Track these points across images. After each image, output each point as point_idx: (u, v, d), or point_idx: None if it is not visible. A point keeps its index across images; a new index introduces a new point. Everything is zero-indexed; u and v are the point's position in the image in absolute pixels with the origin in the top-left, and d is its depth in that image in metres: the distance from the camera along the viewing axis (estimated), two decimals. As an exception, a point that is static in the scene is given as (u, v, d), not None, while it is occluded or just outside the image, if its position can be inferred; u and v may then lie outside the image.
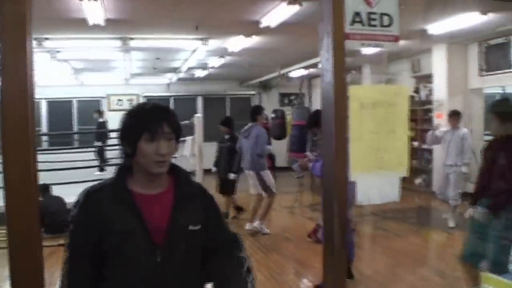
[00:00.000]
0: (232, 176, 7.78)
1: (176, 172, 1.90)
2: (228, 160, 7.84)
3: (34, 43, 5.75)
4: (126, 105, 14.63)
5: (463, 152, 7.22)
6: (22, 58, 1.37)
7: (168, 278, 1.78)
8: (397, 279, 5.26)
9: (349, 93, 1.65)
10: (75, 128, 14.81)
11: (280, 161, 13.35)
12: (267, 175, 7.21)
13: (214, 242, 1.93)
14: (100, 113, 13.39)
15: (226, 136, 8.09)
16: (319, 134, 4.94)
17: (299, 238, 6.90)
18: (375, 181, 1.72)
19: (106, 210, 1.75)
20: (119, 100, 15.07)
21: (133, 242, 1.75)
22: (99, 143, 12.17)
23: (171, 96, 15.41)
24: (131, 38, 7.92)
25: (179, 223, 1.81)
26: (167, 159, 1.79)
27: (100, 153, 11.92)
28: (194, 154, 9.36)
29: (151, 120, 1.78)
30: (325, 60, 1.58)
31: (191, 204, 1.86)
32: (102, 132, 12.59)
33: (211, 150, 8.82)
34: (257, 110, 7.58)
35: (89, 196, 1.81)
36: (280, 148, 12.87)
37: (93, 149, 12.11)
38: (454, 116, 7.39)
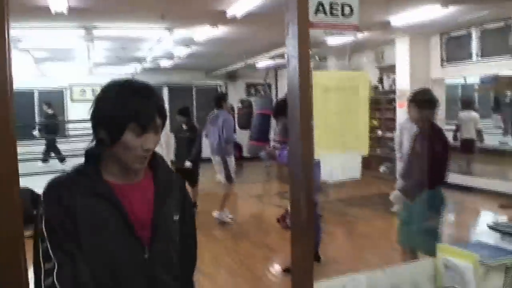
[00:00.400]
0: (187, 164, 7.57)
1: (152, 157, 1.65)
2: (188, 151, 7.67)
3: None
4: (90, 96, 14.45)
5: None
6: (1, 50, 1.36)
7: (157, 275, 1.58)
8: (362, 261, 5.45)
9: (313, 78, 1.75)
10: (37, 120, 14.52)
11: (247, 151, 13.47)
12: (231, 162, 7.33)
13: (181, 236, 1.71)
14: (50, 105, 13.21)
15: (184, 126, 7.84)
16: (284, 122, 5.06)
17: (267, 225, 7.03)
18: (338, 160, 1.82)
19: (81, 206, 1.46)
20: (82, 90, 14.82)
21: (117, 240, 1.50)
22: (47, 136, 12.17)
23: (136, 86, 15.31)
24: (95, 27, 7.84)
25: (163, 213, 1.61)
26: (150, 154, 1.57)
27: (52, 145, 11.84)
28: (162, 145, 9.35)
29: (143, 110, 1.50)
30: (291, 47, 1.67)
31: (172, 193, 1.67)
32: (53, 124, 12.53)
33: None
34: (222, 96, 7.71)
35: (56, 191, 1.49)
36: (247, 138, 12.98)
37: (44, 142, 12.06)
38: None
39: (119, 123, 1.49)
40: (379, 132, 10.70)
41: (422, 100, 4.00)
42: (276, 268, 5.43)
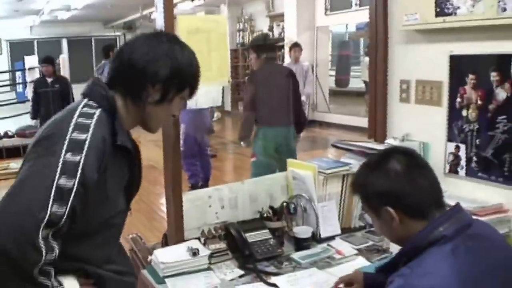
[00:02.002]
0: None
1: None
2: (61, 107, 7.16)
3: None
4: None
5: (306, 84, 7.65)
6: None
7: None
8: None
9: (178, 21, 2.15)
10: None
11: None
12: None
13: None
14: None
15: (50, 79, 6.89)
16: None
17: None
18: (202, 90, 2.25)
19: (112, 164, 1.26)
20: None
21: (123, 204, 1.42)
22: None
23: (34, 39, 14.79)
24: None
25: (139, 176, 1.56)
26: None
27: None
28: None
29: (199, 75, 1.37)
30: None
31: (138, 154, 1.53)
32: None
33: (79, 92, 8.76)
34: (109, 47, 7.79)
35: (104, 138, 1.23)
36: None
37: None
38: (295, 48, 7.64)
39: (183, 84, 1.32)
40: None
41: (259, 46, 4.23)
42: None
